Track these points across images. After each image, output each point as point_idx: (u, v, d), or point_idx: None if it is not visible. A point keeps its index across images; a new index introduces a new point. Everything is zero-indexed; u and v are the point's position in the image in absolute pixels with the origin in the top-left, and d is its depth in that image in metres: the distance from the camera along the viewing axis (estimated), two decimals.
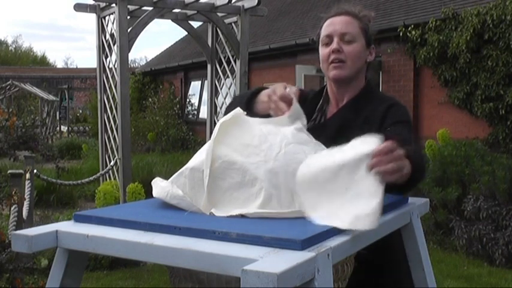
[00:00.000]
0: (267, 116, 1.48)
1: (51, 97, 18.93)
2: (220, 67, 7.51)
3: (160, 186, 1.26)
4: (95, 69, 7.30)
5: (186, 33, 8.37)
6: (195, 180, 1.18)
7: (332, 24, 1.70)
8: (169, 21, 7.30)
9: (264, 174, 1.13)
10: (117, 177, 6.49)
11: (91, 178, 6.52)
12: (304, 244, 0.90)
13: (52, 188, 7.64)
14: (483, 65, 7.21)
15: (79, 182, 6.53)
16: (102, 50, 6.91)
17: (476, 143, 6.37)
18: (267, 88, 1.61)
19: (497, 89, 7.05)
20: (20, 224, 3.87)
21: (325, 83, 1.83)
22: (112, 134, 6.74)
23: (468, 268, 4.96)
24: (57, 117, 19.64)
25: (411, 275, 1.39)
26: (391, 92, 8.38)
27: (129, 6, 6.42)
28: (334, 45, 1.66)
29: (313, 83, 10.30)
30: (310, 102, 1.75)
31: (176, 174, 1.25)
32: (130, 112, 7.16)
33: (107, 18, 6.81)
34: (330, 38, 1.68)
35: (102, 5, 6.73)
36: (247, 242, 0.94)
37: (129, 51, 6.31)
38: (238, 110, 1.33)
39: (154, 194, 1.26)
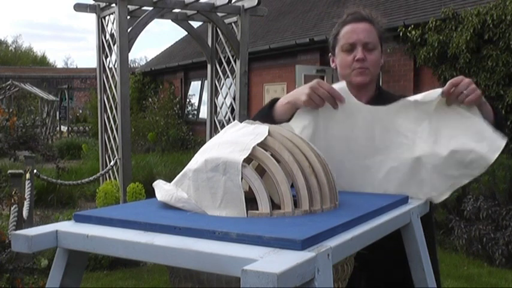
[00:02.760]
0: (285, 121, 1.54)
1: (51, 97, 18.92)
2: (220, 67, 7.52)
3: (164, 189, 1.26)
4: (95, 69, 7.30)
5: (186, 33, 8.38)
6: (199, 182, 1.18)
7: (355, 32, 1.74)
8: (170, 21, 7.31)
9: None
10: (117, 177, 6.49)
11: (91, 178, 6.52)
12: (304, 244, 0.90)
13: (52, 188, 7.64)
14: (483, 65, 7.21)
15: (79, 182, 6.53)
16: (102, 50, 6.92)
17: None
18: (278, 98, 1.65)
19: (497, 89, 7.04)
20: (20, 224, 3.87)
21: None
22: (112, 134, 6.74)
23: (468, 268, 4.96)
24: (57, 117, 19.64)
25: (411, 275, 1.39)
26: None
27: (129, 6, 6.42)
28: (359, 54, 1.73)
29: None
30: None
31: (179, 176, 1.25)
32: (131, 112, 7.17)
33: (107, 18, 6.81)
34: (353, 46, 1.74)
35: (102, 5, 6.73)
36: (247, 242, 0.94)
37: (129, 51, 6.31)
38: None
39: (158, 197, 1.26)
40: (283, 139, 1.21)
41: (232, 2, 6.88)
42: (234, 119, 7.07)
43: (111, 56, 6.79)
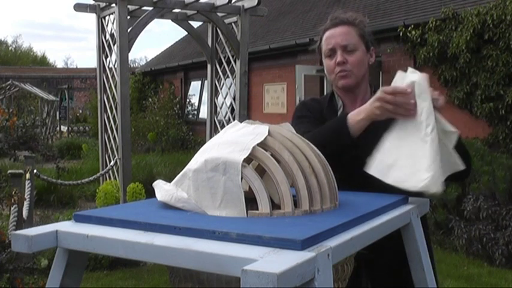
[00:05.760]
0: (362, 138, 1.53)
1: (51, 97, 18.91)
2: (220, 67, 7.52)
3: (164, 189, 1.26)
4: (95, 69, 7.30)
5: (186, 33, 8.38)
6: (199, 182, 1.18)
7: (333, 37, 1.78)
8: (170, 21, 7.31)
9: None
10: (117, 177, 6.49)
11: (91, 178, 6.52)
12: (304, 244, 0.90)
13: (52, 188, 7.64)
14: (483, 65, 7.21)
15: (79, 182, 6.53)
16: (102, 50, 6.92)
17: (476, 143, 6.37)
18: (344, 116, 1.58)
19: (497, 89, 7.05)
20: (20, 224, 3.87)
21: (331, 88, 1.91)
22: (112, 134, 6.74)
23: (468, 268, 4.96)
24: (57, 117, 19.63)
25: (411, 275, 1.39)
26: None
27: (129, 6, 6.42)
28: (338, 58, 1.75)
29: (313, 83, 10.31)
30: (329, 109, 1.85)
31: (179, 176, 1.25)
32: (131, 112, 7.17)
33: (107, 18, 6.81)
34: (332, 50, 1.77)
35: (102, 5, 6.73)
36: (247, 242, 0.94)
37: (129, 51, 6.31)
38: None
39: (158, 197, 1.26)
40: (283, 139, 1.21)
41: (232, 2, 6.88)
42: (234, 119, 7.07)
43: (111, 56, 6.79)
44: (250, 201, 1.15)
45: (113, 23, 6.61)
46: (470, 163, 1.66)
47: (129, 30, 6.27)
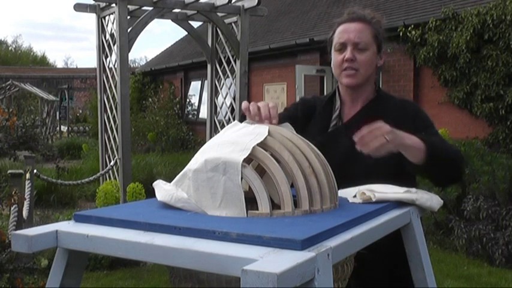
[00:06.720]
0: None
1: (51, 97, 18.91)
2: (220, 67, 7.52)
3: (164, 190, 1.26)
4: (95, 69, 7.30)
5: (186, 33, 8.38)
6: (199, 182, 1.18)
7: (346, 32, 1.74)
8: (170, 21, 7.31)
9: None
10: (117, 177, 6.49)
11: (91, 178, 6.52)
12: (304, 244, 0.90)
13: (52, 188, 7.64)
14: (483, 65, 7.22)
15: (79, 182, 6.53)
16: (102, 50, 6.92)
17: (476, 143, 6.37)
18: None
19: (497, 89, 7.05)
20: (20, 224, 3.87)
21: (336, 86, 1.89)
22: (112, 134, 6.74)
23: (468, 268, 4.96)
24: (57, 117, 19.63)
25: (411, 275, 1.39)
26: (391, 92, 8.38)
27: (129, 6, 6.42)
28: (348, 54, 1.71)
29: (313, 83, 10.31)
30: (324, 108, 1.82)
31: (179, 176, 1.25)
32: (131, 112, 7.17)
33: (107, 18, 6.81)
34: (343, 45, 1.73)
35: (102, 5, 6.73)
36: (247, 242, 0.94)
37: (129, 51, 6.31)
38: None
39: (158, 197, 1.26)
40: (283, 139, 1.21)
41: (232, 2, 6.87)
42: (234, 119, 7.06)
43: (111, 56, 6.79)
44: (250, 201, 1.15)
45: (113, 23, 6.61)
46: (457, 170, 1.63)
47: (129, 30, 6.27)
